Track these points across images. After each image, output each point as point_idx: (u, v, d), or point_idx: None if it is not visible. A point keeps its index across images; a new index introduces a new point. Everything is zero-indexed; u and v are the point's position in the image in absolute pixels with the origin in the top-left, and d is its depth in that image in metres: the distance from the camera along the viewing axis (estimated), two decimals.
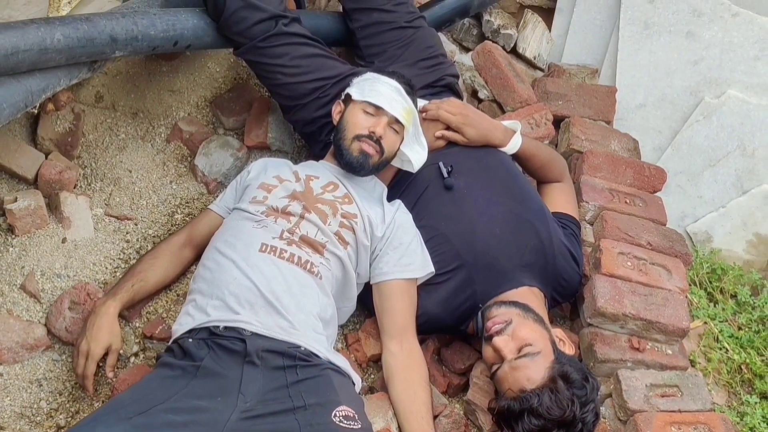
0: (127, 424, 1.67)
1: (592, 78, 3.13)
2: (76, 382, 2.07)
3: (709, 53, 3.01)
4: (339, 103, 2.30)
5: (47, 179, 2.34)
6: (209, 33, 2.33)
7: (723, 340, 2.68)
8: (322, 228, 2.09)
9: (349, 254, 2.12)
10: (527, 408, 1.90)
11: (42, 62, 1.93)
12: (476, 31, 3.12)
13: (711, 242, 3.07)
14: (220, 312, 1.91)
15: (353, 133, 2.19)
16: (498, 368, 2.01)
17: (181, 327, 1.95)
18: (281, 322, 1.91)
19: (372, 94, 2.20)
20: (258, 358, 1.83)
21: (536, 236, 2.23)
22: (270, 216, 2.08)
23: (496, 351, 2.00)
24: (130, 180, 2.50)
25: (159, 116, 2.68)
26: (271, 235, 2.03)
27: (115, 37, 2.06)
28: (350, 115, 2.22)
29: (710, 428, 2.22)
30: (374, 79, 2.25)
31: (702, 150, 3.06)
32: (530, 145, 2.45)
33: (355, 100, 2.23)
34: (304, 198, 2.14)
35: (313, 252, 2.04)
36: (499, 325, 2.04)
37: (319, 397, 1.81)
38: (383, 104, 2.19)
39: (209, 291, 1.96)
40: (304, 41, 2.37)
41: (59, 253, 2.25)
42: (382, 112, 2.19)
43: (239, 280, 1.94)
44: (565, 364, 1.99)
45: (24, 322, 2.10)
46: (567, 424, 1.91)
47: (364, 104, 2.20)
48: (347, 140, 2.20)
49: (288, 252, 2.01)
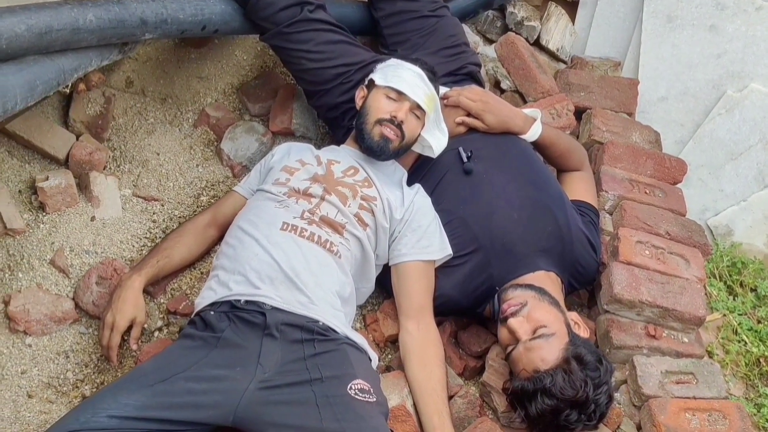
0: (148, 391, 1.73)
1: (614, 70, 3.14)
2: (102, 355, 2.13)
3: (732, 47, 3.01)
4: (362, 88, 2.33)
5: (78, 160, 2.40)
6: (236, 18, 2.39)
7: (742, 332, 2.68)
8: (341, 209, 2.13)
9: (368, 235, 2.16)
10: (540, 388, 1.92)
11: (74, 42, 1.99)
12: (500, 23, 3.15)
13: (732, 236, 3.06)
14: (242, 286, 1.96)
15: (375, 117, 2.23)
16: (513, 349, 2.04)
17: (203, 300, 2.00)
18: (300, 297, 1.96)
19: (395, 80, 2.24)
20: (277, 331, 1.88)
21: (554, 222, 2.26)
22: (292, 197, 2.13)
23: (511, 332, 2.03)
24: (157, 162, 2.57)
25: (187, 102, 2.74)
26: (292, 215, 2.08)
27: (145, 20, 2.12)
28: (373, 99, 2.26)
29: (725, 416, 2.23)
30: (397, 65, 2.29)
31: (724, 143, 3.06)
32: (550, 134, 2.47)
33: (378, 86, 2.26)
34: (325, 180, 2.18)
35: (332, 232, 2.09)
36: (515, 306, 2.07)
37: (336, 370, 1.85)
38: (405, 90, 2.22)
39: (231, 267, 2.01)
40: (328, 28, 2.42)
41: (88, 230, 2.32)
42: (404, 98, 2.23)
43: (260, 256, 1.99)
44: (579, 345, 2.01)
45: (53, 295, 2.17)
46: (580, 404, 1.94)
47: (387, 89, 2.24)
48: (369, 124, 2.23)
49: (308, 231, 2.06)
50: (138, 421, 1.68)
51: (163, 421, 1.70)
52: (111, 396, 1.72)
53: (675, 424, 2.16)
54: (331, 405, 1.77)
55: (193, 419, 1.73)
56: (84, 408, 1.70)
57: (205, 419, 1.74)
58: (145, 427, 1.68)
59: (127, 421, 1.67)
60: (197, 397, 1.75)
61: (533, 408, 1.94)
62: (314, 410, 1.76)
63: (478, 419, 2.09)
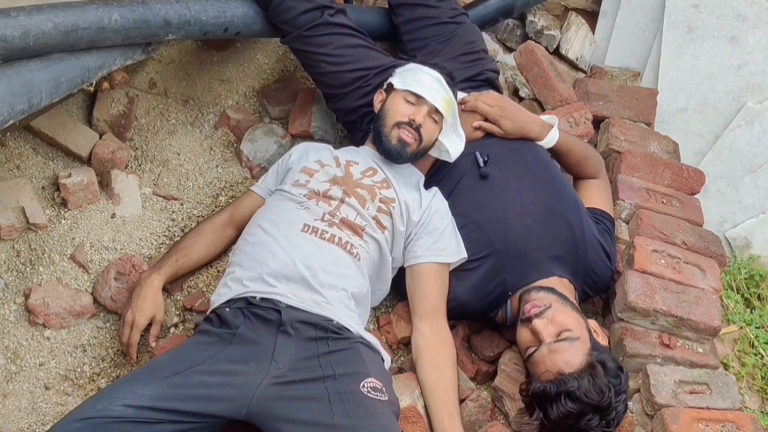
0: (163, 383, 1.75)
1: (634, 80, 3.14)
2: (118, 349, 2.16)
3: (753, 58, 3.00)
4: (381, 92, 2.35)
5: (100, 158, 2.45)
6: (258, 21, 2.43)
7: (758, 345, 2.67)
8: (360, 212, 2.15)
9: (386, 238, 2.18)
10: (565, 391, 1.91)
11: (99, 41, 2.04)
12: (520, 32, 3.17)
13: (750, 248, 3.05)
14: (257, 284, 1.98)
15: (393, 120, 2.24)
16: (535, 351, 2.02)
17: (219, 298, 2.02)
18: (316, 296, 1.98)
19: (414, 84, 2.26)
20: (292, 329, 1.90)
21: (568, 228, 2.26)
22: (312, 199, 2.15)
23: (535, 333, 2.02)
24: (178, 162, 2.60)
25: (208, 104, 2.78)
26: (313, 217, 2.10)
27: (169, 21, 2.16)
28: (391, 103, 2.28)
29: (738, 427, 2.21)
30: (416, 70, 2.31)
31: (743, 155, 3.04)
32: (567, 140, 2.48)
33: (397, 89, 2.28)
34: (344, 183, 2.20)
35: (353, 234, 2.11)
36: (538, 308, 2.06)
37: (349, 367, 1.87)
38: (424, 93, 2.24)
39: (248, 264, 2.03)
40: (348, 32, 2.45)
41: (108, 227, 2.36)
42: (422, 101, 2.24)
43: (279, 256, 2.01)
44: (602, 351, 2.02)
45: (72, 290, 2.20)
46: (602, 410, 1.93)
47: (406, 93, 2.26)
48: (387, 127, 2.25)
49: (329, 233, 2.08)
50: (153, 411, 1.70)
51: (177, 412, 1.72)
52: (127, 386, 1.75)
53: None
54: (343, 402, 1.78)
55: (207, 411, 1.75)
56: (100, 397, 1.73)
57: (218, 412, 1.76)
58: (160, 417, 1.71)
59: (142, 410, 1.69)
60: (211, 390, 1.77)
61: (555, 411, 1.92)
62: (326, 406, 1.77)
63: (489, 423, 2.09)
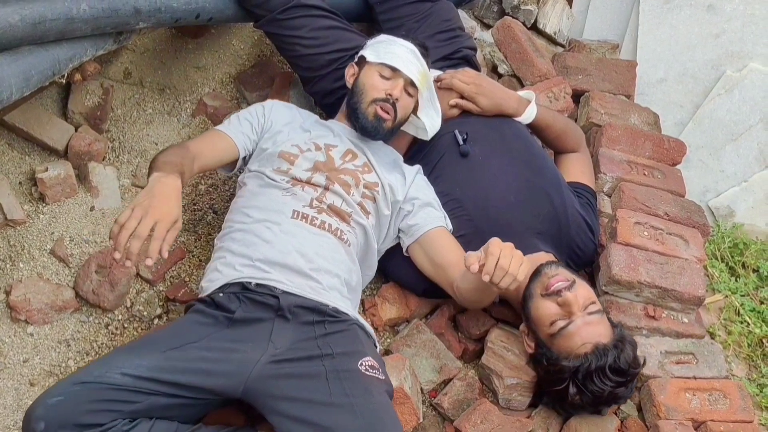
0: (161, 356, 1.74)
1: (612, 53, 3.13)
2: (103, 342, 2.15)
3: (731, 26, 2.99)
4: (352, 65, 2.31)
5: (77, 151, 2.42)
6: (230, 6, 2.40)
7: (744, 313, 2.68)
8: (346, 198, 2.13)
9: (371, 223, 2.17)
10: (611, 362, 1.92)
11: (69, 32, 2.01)
12: (497, 8, 3.15)
13: (733, 217, 3.06)
14: (251, 270, 1.96)
15: (370, 96, 2.21)
16: (568, 324, 1.98)
17: (211, 284, 1.98)
18: (311, 283, 1.97)
19: (388, 56, 2.22)
20: (290, 313, 1.89)
21: (550, 204, 2.26)
22: (296, 185, 2.11)
23: (567, 306, 1.98)
24: (156, 152, 2.56)
25: (185, 92, 2.75)
26: (301, 203, 2.07)
27: (139, 9, 2.13)
28: (366, 77, 2.24)
29: (725, 395, 2.23)
30: (389, 42, 2.27)
31: (724, 124, 3.04)
32: (546, 115, 2.47)
33: (370, 62, 2.24)
34: (327, 168, 2.16)
35: (340, 221, 2.09)
36: (564, 282, 2.03)
37: (346, 347, 1.87)
38: (400, 66, 2.20)
39: (240, 251, 2.00)
40: (322, 14, 2.42)
41: (87, 220, 2.34)
42: (398, 74, 2.21)
43: (273, 243, 1.99)
44: (617, 325, 2.05)
45: (53, 284, 2.19)
46: (634, 378, 2.00)
47: (381, 66, 2.22)
48: (364, 103, 2.21)
49: (319, 219, 2.06)
50: (150, 382, 1.69)
51: (174, 384, 1.71)
52: (124, 356, 1.73)
53: (675, 404, 2.17)
54: (340, 380, 1.77)
55: (204, 385, 1.74)
56: (98, 364, 1.71)
57: (215, 387, 1.75)
58: (156, 389, 1.70)
59: (140, 380, 1.68)
60: (209, 364, 1.76)
61: (599, 383, 1.92)
62: (324, 384, 1.76)
63: (478, 401, 2.10)
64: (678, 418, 2.14)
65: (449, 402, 2.09)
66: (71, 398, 1.63)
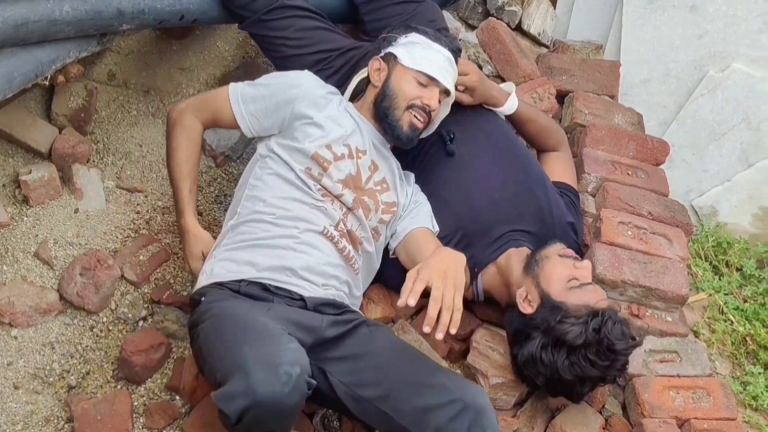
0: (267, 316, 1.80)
1: (596, 54, 3.15)
2: (87, 345, 2.16)
3: (713, 27, 3.01)
4: (379, 60, 2.20)
5: (61, 153, 2.41)
6: (214, 7, 2.39)
7: (728, 312, 2.70)
8: (363, 223, 2.12)
9: (377, 249, 2.19)
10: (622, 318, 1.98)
11: (51, 34, 2.00)
12: (481, 9, 3.16)
13: (717, 216, 3.08)
14: (273, 273, 1.96)
15: (405, 102, 2.14)
16: (587, 283, 2.05)
17: (228, 273, 1.95)
18: (327, 291, 2.02)
19: (425, 63, 2.14)
20: (316, 311, 1.94)
21: (536, 202, 2.27)
22: (326, 197, 2.08)
23: (586, 269, 2.06)
24: (140, 154, 2.58)
25: (169, 93, 2.75)
26: (330, 221, 2.06)
27: (122, 11, 2.13)
28: (401, 82, 2.15)
29: (709, 393, 2.25)
30: (425, 45, 2.18)
31: (707, 124, 3.06)
32: (527, 109, 2.48)
33: (405, 66, 2.15)
34: (355, 186, 2.11)
35: (353, 248, 2.10)
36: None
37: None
38: (438, 76, 2.13)
39: (264, 253, 1.98)
40: (306, 14, 2.42)
41: (72, 222, 2.33)
42: (434, 83, 2.15)
43: (301, 257, 1.99)
44: None
45: (37, 287, 2.18)
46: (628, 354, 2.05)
47: (418, 74, 2.14)
48: (399, 109, 2.14)
49: (341, 244, 2.06)
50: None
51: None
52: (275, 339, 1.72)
53: (659, 402, 2.18)
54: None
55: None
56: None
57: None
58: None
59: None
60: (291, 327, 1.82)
61: (613, 331, 1.94)
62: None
63: None
64: (662, 416, 2.16)
65: None
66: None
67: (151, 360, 2.09)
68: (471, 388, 1.82)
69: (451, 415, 1.73)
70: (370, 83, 2.22)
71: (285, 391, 1.57)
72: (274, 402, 1.56)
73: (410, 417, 1.76)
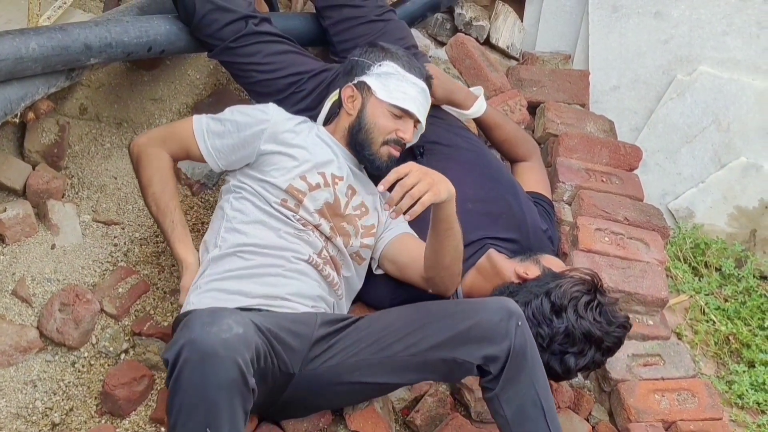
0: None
1: (565, 64, 3.19)
2: (70, 381, 2.14)
3: (679, 31, 3.06)
4: (351, 87, 2.19)
5: (35, 189, 2.40)
6: (182, 37, 2.41)
7: (709, 312, 2.72)
8: (342, 250, 2.12)
9: (359, 273, 2.20)
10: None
11: (18, 71, 2.01)
12: (449, 25, 3.18)
13: (693, 218, 3.11)
14: (263, 300, 1.95)
15: (381, 137, 2.15)
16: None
17: (218, 303, 1.93)
18: (318, 311, 2.02)
19: (400, 97, 2.14)
20: (312, 313, 1.96)
21: (509, 210, 2.29)
22: (307, 227, 2.07)
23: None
24: (116, 186, 2.57)
25: (142, 124, 2.74)
26: (313, 250, 2.05)
27: (89, 45, 2.13)
28: (375, 114, 2.16)
29: (693, 394, 2.27)
30: (400, 77, 2.16)
31: (678, 127, 3.10)
32: (495, 114, 2.51)
33: (380, 99, 2.15)
34: (332, 213, 2.11)
35: (336, 274, 2.11)
36: None
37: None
38: (413, 109, 2.14)
39: (251, 282, 1.98)
40: (275, 39, 2.44)
41: (49, 258, 2.32)
42: (408, 116, 2.16)
43: (288, 285, 1.99)
44: None
45: (16, 325, 2.16)
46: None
47: (392, 107, 2.14)
48: (375, 144, 2.16)
49: (326, 271, 2.07)
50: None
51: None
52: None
53: (644, 406, 2.20)
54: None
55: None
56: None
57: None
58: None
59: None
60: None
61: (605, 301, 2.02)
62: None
63: (450, 416, 2.11)
64: (648, 419, 2.18)
65: (422, 419, 2.09)
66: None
67: (135, 393, 2.08)
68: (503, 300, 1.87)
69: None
70: (343, 107, 2.23)
71: (221, 336, 1.56)
72: (208, 343, 1.55)
73: (448, 345, 1.79)
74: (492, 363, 1.77)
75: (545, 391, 1.82)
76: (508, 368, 1.77)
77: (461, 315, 1.82)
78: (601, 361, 2.07)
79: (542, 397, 1.80)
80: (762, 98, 3.04)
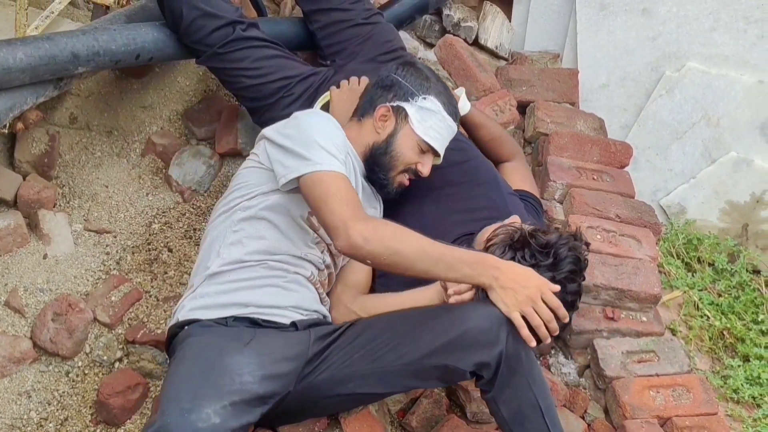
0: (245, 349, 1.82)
1: (554, 63, 3.19)
2: (64, 391, 2.14)
3: (666, 28, 3.06)
4: (388, 108, 2.15)
5: (26, 200, 2.40)
6: (170, 44, 2.40)
7: (703, 307, 2.72)
8: (333, 267, 2.15)
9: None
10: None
11: (6, 82, 2.00)
12: (438, 27, 3.19)
13: (685, 213, 3.11)
14: (262, 309, 1.96)
15: (403, 165, 2.16)
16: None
17: (208, 312, 1.93)
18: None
19: (433, 135, 2.14)
20: (305, 330, 1.96)
21: (492, 205, 2.28)
22: (319, 244, 2.08)
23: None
24: (107, 195, 2.57)
25: (133, 132, 2.74)
26: (314, 268, 2.07)
27: (77, 54, 2.13)
28: (404, 145, 2.14)
29: (688, 390, 2.27)
30: (440, 118, 2.15)
31: (668, 124, 3.10)
32: (478, 114, 2.50)
33: (413, 129, 2.13)
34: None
35: (324, 294, 2.13)
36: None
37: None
38: (440, 150, 2.17)
39: (250, 293, 1.98)
40: (263, 44, 2.44)
41: (41, 268, 2.32)
42: (433, 153, 2.17)
43: (287, 296, 2.00)
44: None
45: (10, 336, 2.16)
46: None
47: (423, 143, 2.14)
48: (394, 171, 2.16)
49: (321, 289, 2.10)
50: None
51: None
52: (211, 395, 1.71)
53: (640, 403, 2.20)
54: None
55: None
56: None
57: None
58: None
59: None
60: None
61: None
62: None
63: (446, 417, 2.10)
64: (643, 416, 2.17)
65: (417, 420, 2.09)
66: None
67: (129, 401, 2.08)
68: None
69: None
70: (370, 120, 2.16)
71: (197, 425, 1.62)
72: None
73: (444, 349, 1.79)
74: (485, 369, 1.78)
75: (543, 392, 1.82)
76: (501, 373, 1.77)
77: (451, 322, 1.81)
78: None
79: (540, 399, 1.80)
80: (751, 93, 3.04)
